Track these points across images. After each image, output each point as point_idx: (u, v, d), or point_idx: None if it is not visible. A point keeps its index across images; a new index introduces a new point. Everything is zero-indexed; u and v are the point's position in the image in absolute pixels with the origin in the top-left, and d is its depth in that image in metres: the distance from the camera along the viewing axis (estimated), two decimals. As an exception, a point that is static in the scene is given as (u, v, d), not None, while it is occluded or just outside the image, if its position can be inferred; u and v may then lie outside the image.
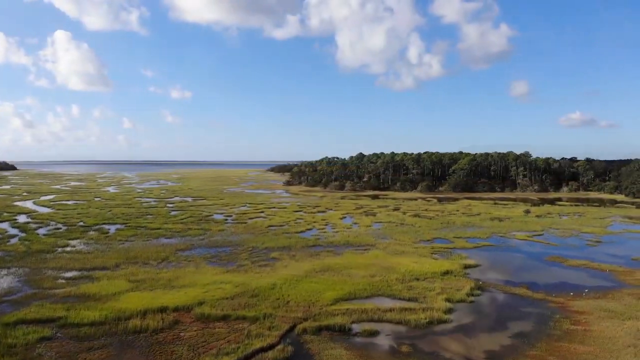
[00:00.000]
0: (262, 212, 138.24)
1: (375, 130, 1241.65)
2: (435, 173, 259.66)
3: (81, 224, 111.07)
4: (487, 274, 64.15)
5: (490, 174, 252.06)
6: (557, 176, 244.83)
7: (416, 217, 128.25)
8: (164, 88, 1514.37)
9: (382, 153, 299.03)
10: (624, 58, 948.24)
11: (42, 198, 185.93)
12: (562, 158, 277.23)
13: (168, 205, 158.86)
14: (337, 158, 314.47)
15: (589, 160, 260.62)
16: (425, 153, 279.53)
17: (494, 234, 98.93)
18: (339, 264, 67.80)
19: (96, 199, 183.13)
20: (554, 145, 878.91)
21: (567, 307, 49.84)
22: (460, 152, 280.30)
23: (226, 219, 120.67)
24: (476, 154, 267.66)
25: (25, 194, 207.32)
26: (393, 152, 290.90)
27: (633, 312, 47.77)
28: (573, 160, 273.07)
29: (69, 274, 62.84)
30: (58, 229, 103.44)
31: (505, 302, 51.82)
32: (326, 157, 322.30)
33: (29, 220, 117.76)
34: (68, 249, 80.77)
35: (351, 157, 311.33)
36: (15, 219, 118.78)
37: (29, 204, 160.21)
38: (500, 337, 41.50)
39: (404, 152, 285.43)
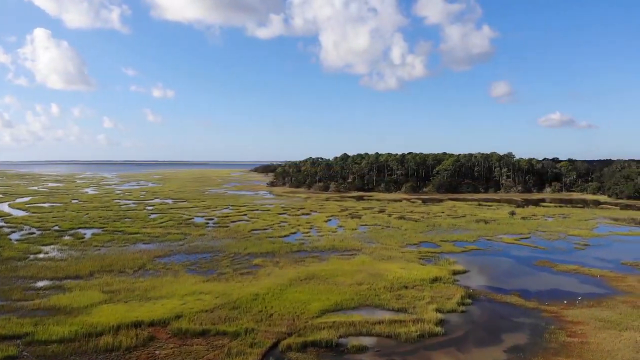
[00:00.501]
0: (244, 214, 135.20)
1: (360, 130, 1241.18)
2: (419, 174, 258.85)
3: (56, 228, 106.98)
4: (477, 281, 62.32)
5: (474, 174, 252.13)
6: (540, 177, 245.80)
7: (402, 219, 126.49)
8: (145, 87, 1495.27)
9: (366, 154, 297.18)
10: (603, 59, 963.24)
11: (18, 200, 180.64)
12: (544, 159, 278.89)
13: (147, 207, 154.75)
14: (321, 158, 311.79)
15: (571, 161, 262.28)
16: (409, 154, 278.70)
17: (481, 237, 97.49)
18: (325, 270, 65.33)
19: (73, 201, 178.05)
20: (533, 145, 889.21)
21: (562, 316, 48.10)
22: (444, 153, 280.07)
23: (207, 223, 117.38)
24: (460, 154, 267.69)
25: (0, 195, 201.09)
26: (377, 153, 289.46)
27: (629, 321, 46.17)
28: (555, 160, 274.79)
29: (39, 284, 59.49)
30: (32, 233, 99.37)
31: (497, 311, 49.86)
32: (310, 157, 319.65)
33: (2, 224, 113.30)
34: (41, 255, 77.13)
35: (335, 158, 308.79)
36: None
37: (4, 207, 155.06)
38: (495, 351, 39.45)
39: (388, 153, 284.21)
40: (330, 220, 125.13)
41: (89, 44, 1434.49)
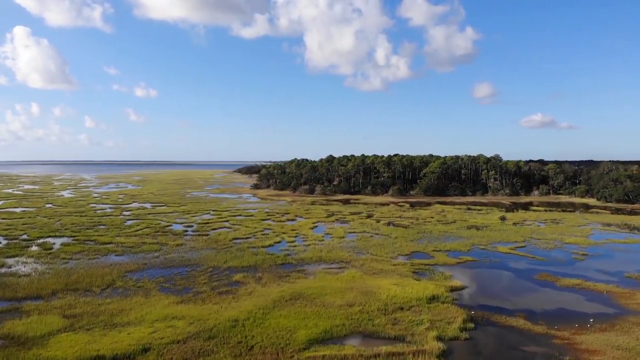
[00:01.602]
0: (226, 220, 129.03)
1: (345, 130, 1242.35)
2: (406, 176, 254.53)
3: (24, 236, 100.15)
4: (477, 299, 57.43)
5: (461, 177, 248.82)
6: (527, 179, 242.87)
7: (390, 225, 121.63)
8: (128, 86, 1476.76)
9: (352, 155, 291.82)
10: (583, 61, 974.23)
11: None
12: (530, 160, 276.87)
13: (124, 213, 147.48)
14: (307, 160, 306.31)
15: (558, 163, 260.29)
16: (395, 156, 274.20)
17: (475, 245, 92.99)
18: (312, 288, 59.86)
19: (47, 205, 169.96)
20: (516, 146, 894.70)
21: (575, 344, 43.36)
22: (431, 155, 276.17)
23: (186, 230, 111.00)
24: (446, 157, 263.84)
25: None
26: (363, 155, 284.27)
27: (650, 350, 41.60)
28: (542, 162, 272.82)
29: (-5, 306, 53.29)
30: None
31: (503, 338, 44.87)
32: (295, 158, 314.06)
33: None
34: (2, 270, 70.63)
35: (321, 160, 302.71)
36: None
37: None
38: (508, 392, 34.51)
39: (375, 155, 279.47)
40: (316, 226, 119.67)
41: (71, 43, 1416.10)
